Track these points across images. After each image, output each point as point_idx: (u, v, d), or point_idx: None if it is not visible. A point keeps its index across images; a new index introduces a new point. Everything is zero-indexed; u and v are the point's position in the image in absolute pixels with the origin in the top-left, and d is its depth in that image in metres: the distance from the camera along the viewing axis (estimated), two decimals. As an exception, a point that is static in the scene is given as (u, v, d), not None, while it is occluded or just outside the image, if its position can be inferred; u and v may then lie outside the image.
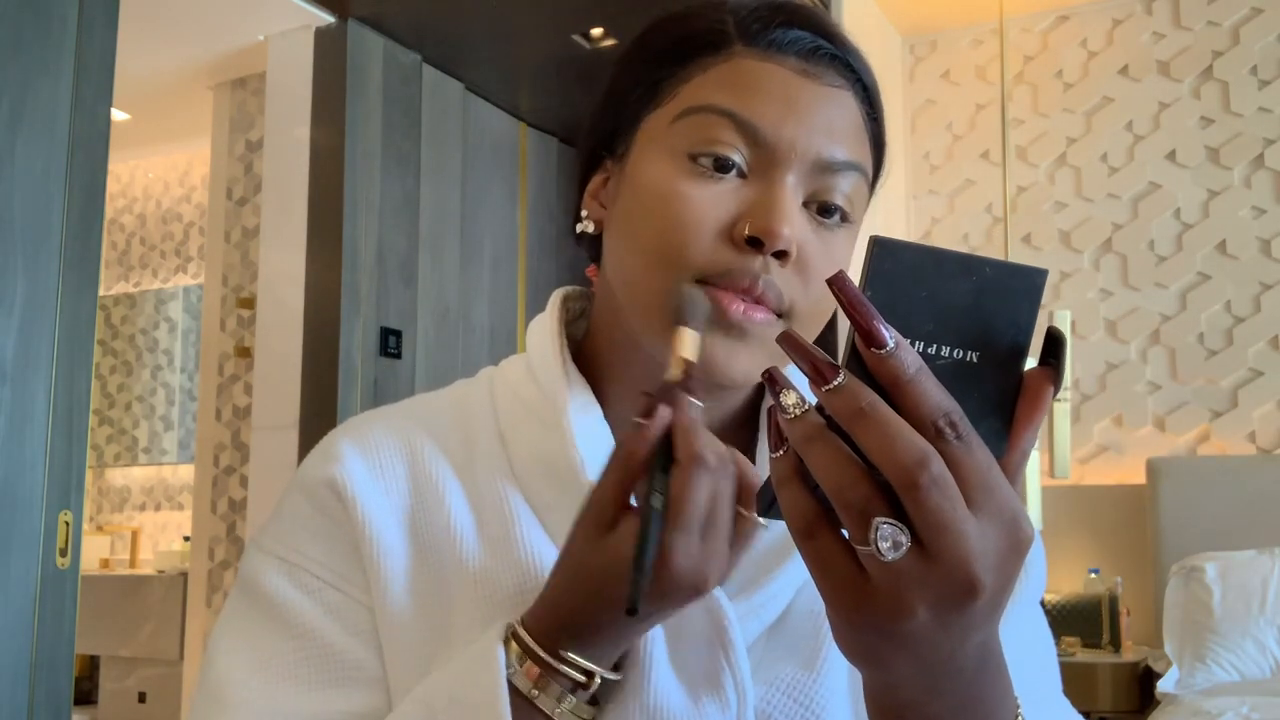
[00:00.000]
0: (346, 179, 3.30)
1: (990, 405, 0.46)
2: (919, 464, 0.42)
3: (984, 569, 0.43)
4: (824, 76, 0.65)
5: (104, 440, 5.11)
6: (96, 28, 2.13)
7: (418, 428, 0.70)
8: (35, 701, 1.92)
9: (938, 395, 0.43)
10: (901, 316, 0.44)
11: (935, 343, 0.45)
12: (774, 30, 0.65)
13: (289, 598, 0.65)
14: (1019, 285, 0.45)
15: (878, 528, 0.42)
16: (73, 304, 2.04)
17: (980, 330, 0.45)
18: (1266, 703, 2.62)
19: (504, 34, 3.52)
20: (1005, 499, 0.44)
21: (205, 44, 3.65)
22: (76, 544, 2.02)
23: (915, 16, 4.07)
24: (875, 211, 4.15)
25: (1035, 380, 0.46)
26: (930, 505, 0.42)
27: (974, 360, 0.45)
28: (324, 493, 0.67)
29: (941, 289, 0.45)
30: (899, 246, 0.44)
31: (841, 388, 0.43)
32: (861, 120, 0.68)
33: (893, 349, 0.43)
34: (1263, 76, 3.70)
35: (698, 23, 0.67)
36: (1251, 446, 3.59)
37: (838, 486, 0.43)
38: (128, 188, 5.21)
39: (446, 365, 3.65)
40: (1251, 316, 3.63)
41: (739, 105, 0.63)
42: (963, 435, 0.43)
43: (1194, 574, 3.11)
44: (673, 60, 0.66)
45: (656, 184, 0.64)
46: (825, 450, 0.44)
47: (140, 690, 4.21)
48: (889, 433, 0.42)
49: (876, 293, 0.44)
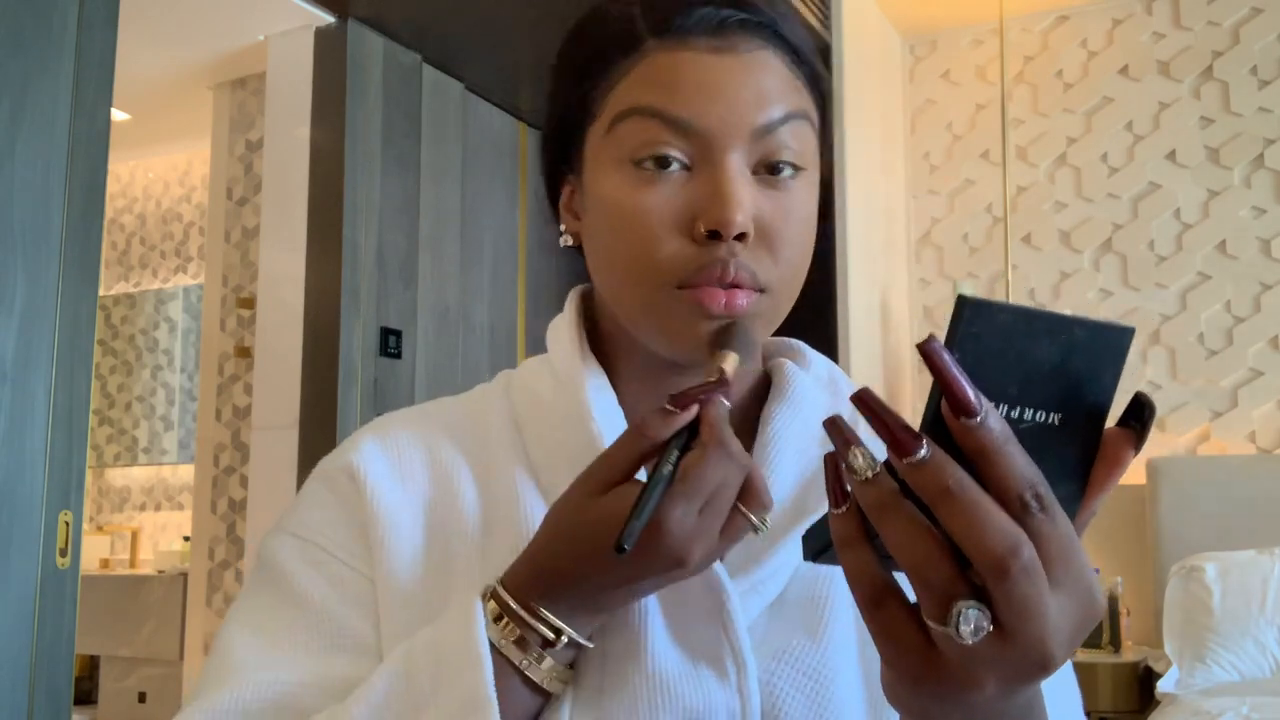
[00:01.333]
0: (346, 179, 3.30)
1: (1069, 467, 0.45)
2: (1011, 552, 0.40)
3: (1058, 645, 0.42)
4: (738, 46, 0.65)
5: (104, 440, 5.11)
6: (96, 28, 2.13)
7: (436, 426, 0.73)
8: (35, 701, 1.92)
9: (1025, 467, 0.42)
10: (988, 380, 0.42)
11: (1020, 405, 0.43)
12: (678, 16, 0.64)
13: (295, 569, 0.68)
14: (1106, 345, 0.44)
15: (960, 612, 0.41)
16: (73, 304, 2.04)
17: (1065, 392, 0.44)
18: (1266, 703, 2.62)
19: (504, 34, 3.52)
20: (1082, 572, 0.43)
21: (205, 44, 3.65)
22: (76, 544, 2.02)
23: (915, 16, 4.07)
24: (876, 211, 4.15)
25: (1115, 443, 0.45)
26: (1018, 594, 0.40)
27: (1056, 422, 0.44)
28: (340, 477, 0.70)
29: (1029, 351, 0.43)
30: (990, 308, 0.42)
31: (926, 461, 0.41)
32: (788, 69, 0.66)
33: (982, 419, 0.41)
34: (1263, 76, 3.70)
35: (609, 25, 0.67)
36: (1251, 446, 3.59)
37: (917, 564, 0.42)
38: (128, 188, 5.21)
39: (446, 365, 3.65)
40: (1251, 316, 3.63)
41: (662, 102, 0.63)
42: (1048, 508, 0.42)
43: (1194, 574, 3.10)
44: (594, 71, 0.67)
45: (612, 197, 0.65)
46: (904, 524, 0.42)
47: (140, 690, 4.21)
48: (979, 517, 0.41)
49: (965, 355, 0.42)
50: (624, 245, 0.65)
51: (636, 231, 0.64)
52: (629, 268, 0.65)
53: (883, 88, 4.00)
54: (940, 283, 4.09)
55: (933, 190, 4.14)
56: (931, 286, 4.11)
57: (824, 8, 3.54)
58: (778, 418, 0.70)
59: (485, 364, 3.88)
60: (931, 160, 4.16)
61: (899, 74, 4.21)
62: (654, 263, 0.64)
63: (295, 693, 0.63)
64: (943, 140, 4.15)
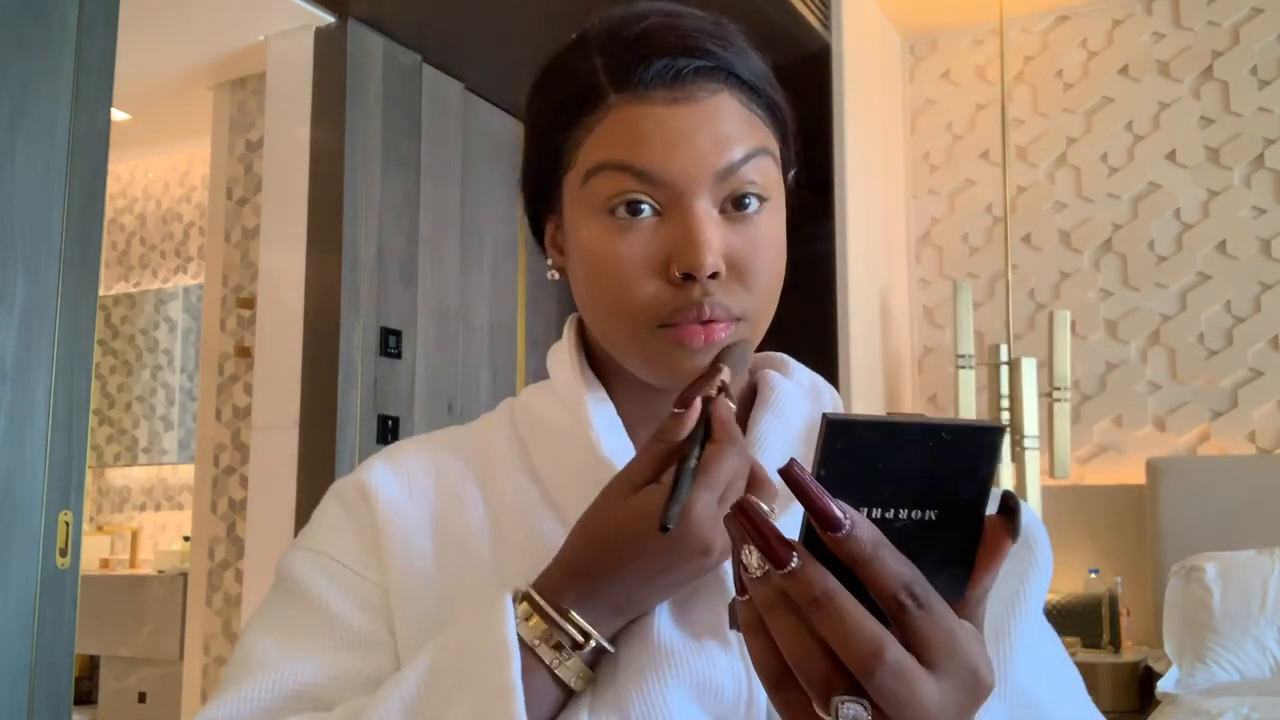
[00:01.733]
0: (346, 179, 3.30)
1: (952, 555, 0.47)
2: (873, 655, 0.44)
3: None
4: (696, 94, 0.68)
5: (104, 440, 5.11)
6: (96, 28, 2.13)
7: (446, 451, 0.78)
8: (35, 701, 1.92)
9: (896, 567, 0.45)
10: (857, 490, 0.45)
11: (894, 507, 0.46)
12: (636, 70, 0.68)
13: (311, 580, 0.72)
14: (976, 444, 0.46)
15: (838, 706, 0.44)
16: (73, 304, 2.04)
17: (938, 490, 0.46)
18: (1266, 703, 2.62)
19: (504, 34, 3.51)
20: (965, 657, 0.46)
21: (205, 44, 3.65)
22: (76, 544, 2.02)
23: (915, 16, 4.07)
24: (876, 211, 4.15)
25: (995, 529, 0.48)
26: (887, 689, 0.44)
27: (933, 518, 0.47)
28: (352, 495, 0.75)
29: (898, 458, 0.45)
30: (852, 424, 0.45)
31: (796, 573, 0.45)
32: (746, 109, 0.70)
33: (849, 530, 0.44)
34: (1263, 76, 3.70)
35: (573, 79, 0.71)
36: (1251, 446, 3.59)
37: (796, 661, 0.46)
38: (128, 188, 5.21)
39: (446, 365, 3.65)
40: (1251, 316, 3.63)
41: (628, 156, 0.68)
42: (924, 604, 0.45)
43: (1194, 574, 3.10)
44: (563, 124, 0.71)
45: (590, 245, 0.70)
46: (784, 623, 0.46)
47: (140, 690, 4.21)
48: (843, 624, 0.44)
49: (830, 471, 0.45)
50: (604, 289, 0.70)
51: (615, 276, 0.69)
52: (611, 309, 0.70)
53: (883, 88, 3.99)
54: (940, 283, 4.09)
55: (933, 190, 4.14)
56: (931, 286, 4.11)
57: (824, 8, 3.54)
58: (763, 422, 0.76)
59: (485, 364, 3.88)
60: (931, 160, 4.16)
61: (899, 74, 4.21)
62: (634, 305, 0.69)
63: (316, 684, 0.68)
64: (943, 140, 4.15)
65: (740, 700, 0.65)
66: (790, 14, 3.33)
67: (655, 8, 0.72)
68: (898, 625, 0.45)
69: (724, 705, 0.65)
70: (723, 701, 0.65)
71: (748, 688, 0.65)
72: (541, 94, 0.74)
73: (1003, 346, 3.47)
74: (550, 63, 0.75)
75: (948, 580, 0.47)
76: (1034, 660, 0.72)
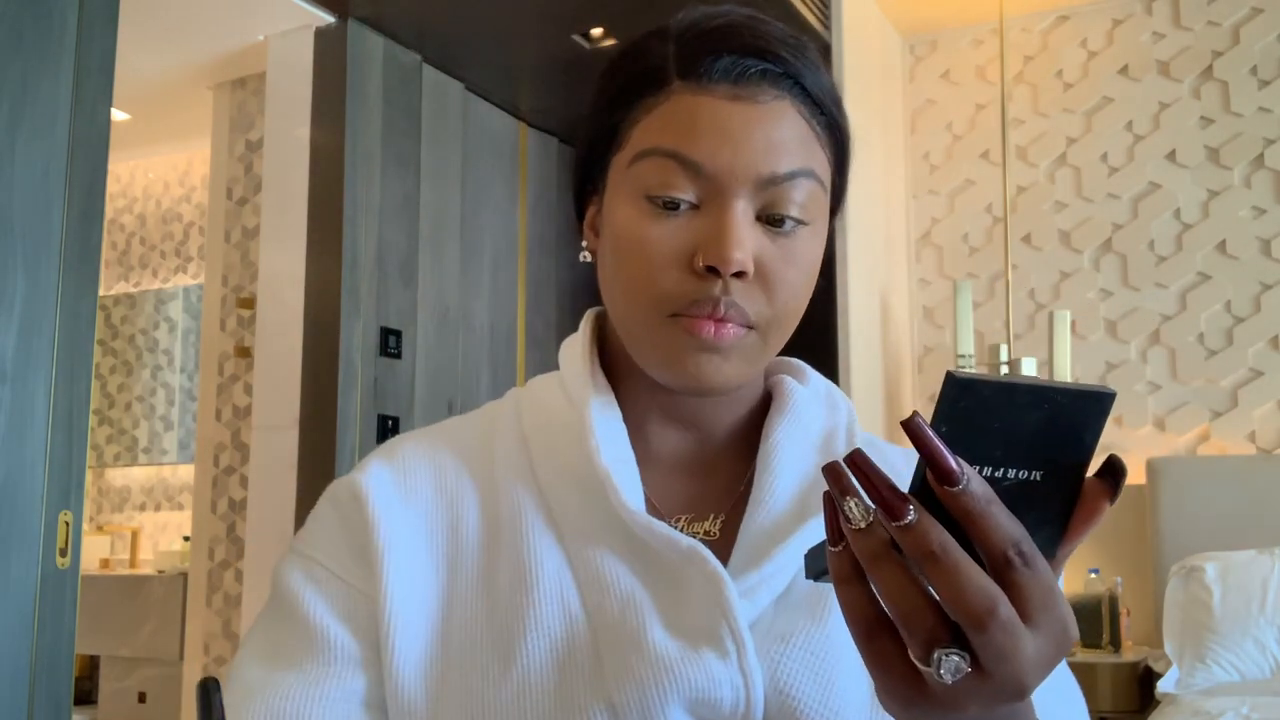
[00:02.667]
0: (346, 179, 3.30)
1: (1049, 514, 0.49)
2: (988, 611, 0.45)
3: (1034, 678, 0.46)
4: (757, 96, 0.68)
5: (104, 440, 5.11)
6: (96, 28, 2.13)
7: (446, 446, 0.77)
8: (35, 701, 1.92)
9: (1008, 526, 0.46)
10: (972, 447, 0.46)
11: (1004, 466, 0.47)
12: (704, 62, 0.68)
13: (298, 589, 0.71)
14: (1086, 408, 0.47)
15: (940, 658, 0.45)
16: (73, 304, 2.04)
17: (1047, 452, 0.47)
18: (1266, 703, 2.62)
19: (504, 34, 3.51)
20: (1061, 613, 0.47)
21: (205, 44, 3.65)
22: (76, 544, 2.02)
23: (915, 16, 4.07)
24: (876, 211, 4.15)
25: (1093, 494, 0.49)
26: (995, 644, 0.45)
27: (1038, 478, 0.48)
28: (345, 497, 0.74)
29: (1013, 419, 0.46)
30: (974, 383, 0.45)
31: (913, 526, 0.45)
32: (805, 123, 0.70)
33: (965, 485, 0.45)
34: (1263, 76, 3.70)
35: (643, 61, 0.71)
36: (1251, 446, 3.59)
37: (902, 612, 0.46)
38: (128, 188, 5.21)
39: (446, 365, 3.65)
40: (1251, 316, 3.63)
41: (680, 145, 0.68)
42: (1029, 561, 0.46)
43: (1194, 574, 3.10)
44: (624, 103, 0.71)
45: (625, 227, 0.70)
46: (892, 574, 0.46)
47: (140, 690, 4.21)
48: (959, 579, 0.45)
49: (950, 428, 0.46)
50: (628, 272, 0.69)
51: (641, 261, 0.68)
52: (630, 293, 0.70)
53: (883, 88, 3.99)
54: (940, 283, 4.09)
55: (933, 190, 4.14)
56: (931, 286, 4.11)
57: (824, 8, 3.54)
58: (779, 429, 0.75)
59: (485, 364, 3.88)
60: (931, 160, 4.16)
61: (899, 74, 4.21)
62: (653, 292, 0.68)
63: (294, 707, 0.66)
64: (943, 140, 4.15)
65: (738, 712, 0.64)
66: (790, 14, 3.33)
67: (740, 10, 0.72)
68: (1001, 581, 0.46)
69: (721, 716, 0.64)
70: (720, 713, 0.64)
71: (745, 699, 0.64)
72: (611, 73, 0.74)
73: (1003, 346, 3.47)
74: (628, 46, 0.74)
75: (1043, 539, 0.48)
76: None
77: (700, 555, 0.67)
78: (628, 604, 0.67)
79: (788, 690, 0.65)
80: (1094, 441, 0.48)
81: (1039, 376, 0.50)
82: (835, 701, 0.65)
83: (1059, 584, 0.49)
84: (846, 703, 0.65)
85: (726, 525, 0.73)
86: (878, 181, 3.84)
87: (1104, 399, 0.47)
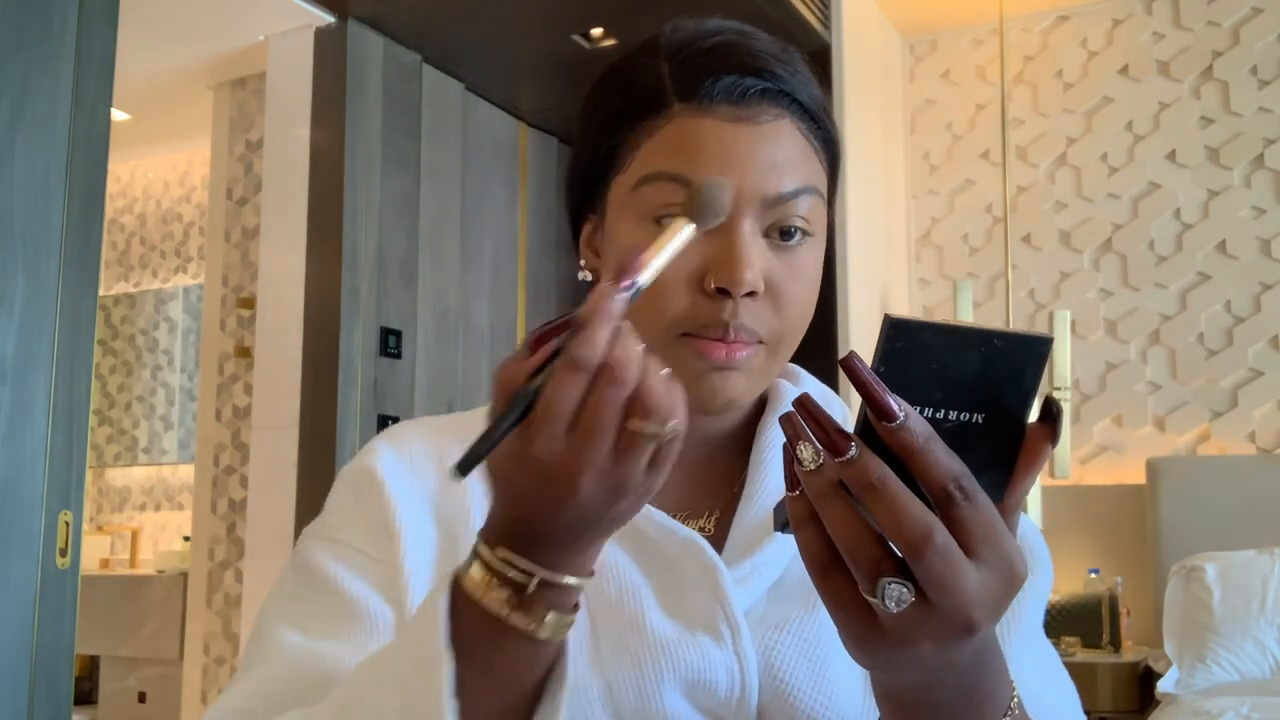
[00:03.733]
0: (346, 179, 3.30)
1: (994, 458, 0.50)
2: (924, 538, 0.46)
3: (981, 612, 0.48)
4: (758, 116, 0.69)
5: (104, 440, 5.11)
6: (96, 28, 2.13)
7: (449, 435, 0.77)
8: (35, 701, 1.92)
9: (947, 461, 0.48)
10: (912, 388, 0.48)
11: (944, 408, 0.49)
12: (704, 83, 0.69)
13: (327, 565, 0.72)
14: (1025, 353, 0.49)
15: (884, 586, 0.47)
16: (73, 304, 2.04)
17: (986, 395, 0.49)
18: (1266, 703, 2.62)
19: (504, 34, 3.51)
20: (1004, 548, 0.48)
21: (205, 44, 3.65)
22: (76, 544, 2.02)
23: (915, 16, 4.07)
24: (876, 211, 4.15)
25: (1035, 436, 0.50)
26: (934, 571, 0.47)
27: (979, 421, 0.50)
28: (361, 480, 0.74)
29: (951, 361, 0.48)
30: (912, 326, 0.48)
31: (854, 461, 0.47)
32: (803, 138, 0.72)
33: (903, 421, 0.47)
34: (1263, 76, 3.70)
35: (639, 81, 0.72)
36: (1251, 446, 3.59)
37: (849, 545, 0.48)
38: (128, 188, 5.21)
39: (446, 365, 3.65)
40: (1251, 316, 3.63)
41: (685, 168, 0.68)
42: (970, 496, 0.48)
43: (1194, 574, 3.10)
44: (623, 125, 0.72)
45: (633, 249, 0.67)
46: (838, 510, 0.49)
47: (140, 690, 4.21)
48: (897, 508, 0.47)
49: (889, 368, 0.48)
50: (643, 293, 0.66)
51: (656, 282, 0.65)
52: (640, 314, 0.66)
53: (883, 88, 3.99)
54: (940, 283, 4.09)
55: (933, 190, 4.14)
56: (931, 286, 4.11)
57: (824, 8, 3.54)
58: (773, 427, 0.77)
59: (485, 364, 3.88)
60: (931, 160, 4.16)
61: (899, 74, 4.21)
62: (665, 313, 0.69)
63: (338, 669, 0.66)
64: (943, 140, 4.15)
65: (733, 696, 0.66)
66: (790, 14, 3.33)
67: (728, 25, 0.73)
68: (944, 515, 0.47)
69: (717, 700, 0.65)
70: (715, 697, 0.65)
71: (740, 682, 0.66)
72: (603, 92, 0.75)
73: (1003, 346, 3.47)
74: (617, 64, 0.75)
75: (989, 483, 0.49)
76: (1037, 668, 0.72)
77: (697, 546, 0.69)
78: (625, 590, 0.69)
79: (781, 675, 0.67)
80: (1033, 387, 0.49)
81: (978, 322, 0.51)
82: (828, 686, 0.67)
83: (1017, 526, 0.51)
84: (839, 688, 0.67)
85: (720, 522, 0.75)
86: (878, 181, 3.84)
87: (1041, 343, 0.48)
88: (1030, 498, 3.29)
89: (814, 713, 0.66)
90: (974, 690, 0.54)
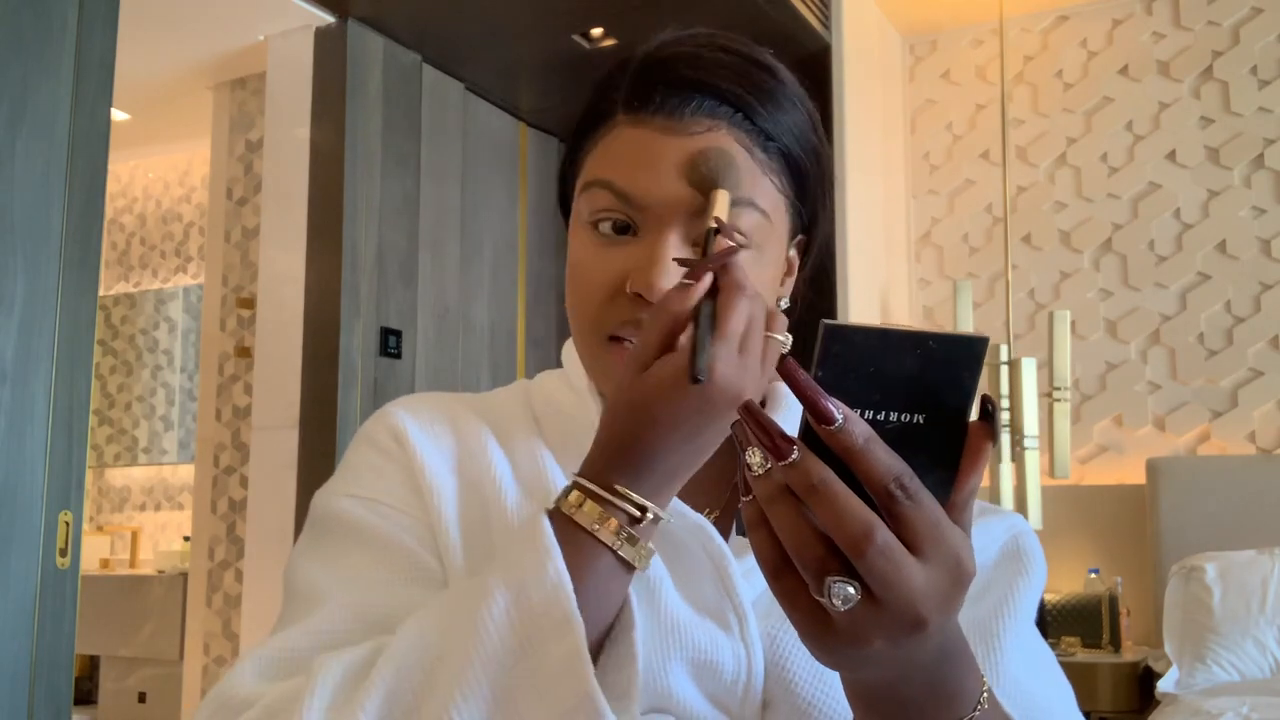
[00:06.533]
0: (346, 179, 3.30)
1: (939, 457, 0.51)
2: (864, 536, 0.47)
3: (930, 608, 0.48)
4: (690, 127, 0.70)
5: (104, 440, 5.11)
6: (96, 28, 2.13)
7: (461, 406, 0.80)
8: (35, 701, 1.92)
9: (887, 461, 0.48)
10: (851, 391, 0.49)
11: (884, 409, 0.50)
12: (643, 93, 0.71)
13: (361, 517, 0.73)
14: (962, 354, 0.49)
15: (830, 586, 0.48)
16: (73, 304, 2.04)
17: (925, 396, 0.50)
18: (1266, 703, 2.61)
19: (504, 34, 3.51)
20: (950, 544, 0.49)
21: (205, 44, 3.65)
22: (76, 544, 2.02)
23: (915, 16, 4.07)
24: (876, 211, 4.15)
25: (976, 434, 0.51)
26: (876, 568, 0.47)
27: (920, 421, 0.50)
28: (385, 438, 0.76)
29: (888, 364, 0.49)
30: (847, 330, 0.49)
31: (796, 464, 0.48)
32: (746, 151, 0.71)
33: (841, 424, 0.48)
34: (1263, 76, 3.70)
35: (600, 93, 0.75)
36: (1251, 446, 3.59)
37: (794, 546, 0.49)
38: (128, 188, 5.21)
39: (446, 365, 3.65)
40: (1251, 316, 3.63)
41: (616, 175, 0.71)
42: (912, 494, 0.48)
43: (1194, 574, 3.11)
44: (583, 133, 0.75)
45: (572, 253, 0.74)
46: (784, 512, 0.49)
47: (140, 690, 4.21)
48: (837, 507, 0.48)
49: (827, 372, 0.49)
50: (574, 296, 0.74)
51: (580, 286, 0.72)
52: (573, 315, 0.74)
53: (883, 88, 3.99)
54: (940, 283, 4.09)
55: (933, 190, 4.14)
56: (931, 286, 4.11)
57: (824, 8, 3.54)
58: None
59: (485, 364, 3.88)
60: (931, 160, 4.16)
61: (899, 74, 4.21)
62: (591, 315, 0.72)
63: (385, 615, 0.67)
64: (943, 140, 4.15)
65: (739, 682, 0.67)
66: (790, 14, 3.33)
67: (703, 35, 0.74)
68: (887, 515, 0.48)
69: (722, 684, 0.67)
70: (721, 680, 0.67)
71: (747, 669, 0.67)
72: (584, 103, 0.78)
73: (1003, 346, 3.47)
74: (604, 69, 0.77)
75: (936, 481, 0.50)
76: (1030, 664, 0.72)
77: (706, 531, 0.71)
78: None
79: (785, 665, 0.68)
80: (972, 386, 0.50)
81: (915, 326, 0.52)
82: (830, 677, 0.68)
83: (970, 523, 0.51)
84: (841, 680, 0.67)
85: (721, 519, 0.76)
86: (878, 182, 3.84)
87: (976, 343, 0.49)
88: (1030, 498, 3.29)
89: (817, 701, 0.67)
90: (941, 686, 0.54)
